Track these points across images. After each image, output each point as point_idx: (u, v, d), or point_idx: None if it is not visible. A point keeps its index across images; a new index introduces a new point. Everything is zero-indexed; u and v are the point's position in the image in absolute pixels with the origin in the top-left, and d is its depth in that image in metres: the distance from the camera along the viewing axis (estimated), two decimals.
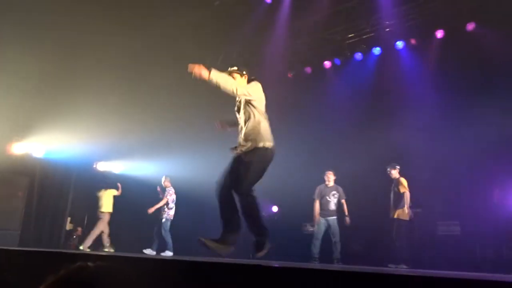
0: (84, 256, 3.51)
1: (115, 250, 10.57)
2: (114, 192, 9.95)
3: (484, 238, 7.03)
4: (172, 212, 9.22)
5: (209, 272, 2.26)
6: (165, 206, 9.20)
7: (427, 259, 7.22)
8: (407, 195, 7.22)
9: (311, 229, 9.33)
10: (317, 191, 8.10)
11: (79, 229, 11.43)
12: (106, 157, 11.53)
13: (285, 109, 9.29)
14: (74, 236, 11.30)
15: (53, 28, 8.27)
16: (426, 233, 7.86)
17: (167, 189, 9.38)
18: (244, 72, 4.18)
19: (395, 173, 7.52)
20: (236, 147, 3.97)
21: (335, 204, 7.98)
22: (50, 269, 1.26)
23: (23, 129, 9.86)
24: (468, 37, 7.80)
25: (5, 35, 7.81)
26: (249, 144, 3.83)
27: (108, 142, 9.94)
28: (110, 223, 9.81)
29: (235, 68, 4.19)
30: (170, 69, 9.62)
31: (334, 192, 8.03)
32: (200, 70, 3.70)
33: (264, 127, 3.92)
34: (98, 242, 10.18)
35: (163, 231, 9.08)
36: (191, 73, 3.72)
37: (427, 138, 7.96)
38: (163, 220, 9.14)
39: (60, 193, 10.72)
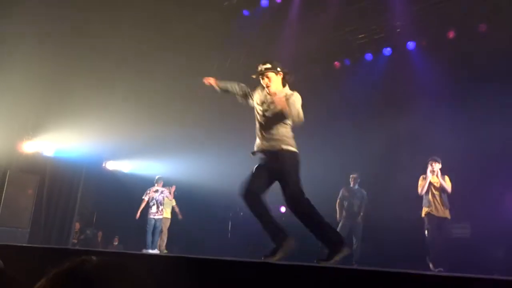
0: (92, 254, 3.52)
1: (125, 249, 10.62)
2: (173, 202, 10.01)
3: (495, 240, 6.94)
4: (151, 210, 9.27)
5: (216, 269, 2.26)
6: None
7: (437, 261, 7.13)
8: None
9: None
10: (341, 192, 8.09)
11: (77, 224, 11.48)
12: (115, 156, 11.59)
13: None
14: (76, 231, 11.35)
15: (63, 28, 8.33)
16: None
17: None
18: (279, 69, 3.63)
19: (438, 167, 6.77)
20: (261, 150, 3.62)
21: (359, 207, 7.92)
22: (58, 266, 1.26)
23: (34, 128, 9.95)
24: (480, 38, 7.71)
25: (16, 34, 7.89)
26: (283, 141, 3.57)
27: (117, 141, 10.00)
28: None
29: (269, 65, 3.61)
30: (181, 68, 9.66)
31: (358, 194, 7.98)
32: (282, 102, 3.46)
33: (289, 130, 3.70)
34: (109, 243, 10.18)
35: None
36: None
37: (438, 139, 7.88)
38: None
39: (70, 191, 10.79)
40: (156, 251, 8.96)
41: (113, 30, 8.29)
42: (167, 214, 9.75)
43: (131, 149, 10.81)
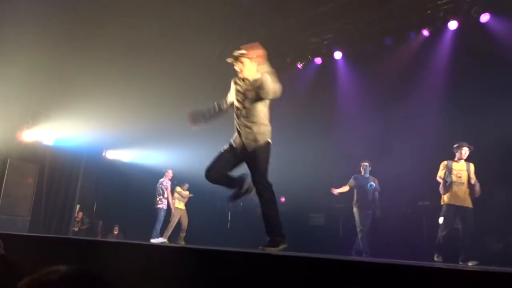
0: (91, 243, 3.53)
1: (125, 238, 10.68)
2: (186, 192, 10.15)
3: (492, 232, 6.96)
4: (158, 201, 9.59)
5: (215, 259, 2.26)
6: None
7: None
8: None
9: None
10: (351, 179, 7.85)
11: (80, 213, 11.55)
12: (115, 145, 11.60)
13: (294, 100, 9.24)
14: (77, 220, 11.42)
15: (63, 19, 8.29)
16: (434, 226, 7.81)
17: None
18: (253, 56, 3.76)
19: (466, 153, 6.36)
20: (239, 138, 3.75)
21: (372, 196, 7.73)
22: (58, 255, 1.27)
23: (33, 117, 9.94)
24: (482, 29, 7.67)
25: (17, 23, 7.84)
26: (260, 137, 3.67)
27: (117, 130, 10.00)
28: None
29: (244, 51, 3.78)
30: (181, 57, 9.63)
31: (371, 183, 7.75)
32: None
33: (267, 123, 3.78)
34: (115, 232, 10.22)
35: None
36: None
37: (437, 131, 7.88)
38: None
39: (69, 180, 10.82)
40: (156, 240, 9.05)
41: (114, 19, 8.24)
42: (178, 204, 9.92)
43: (131, 138, 10.82)
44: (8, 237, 3.67)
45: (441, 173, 6.44)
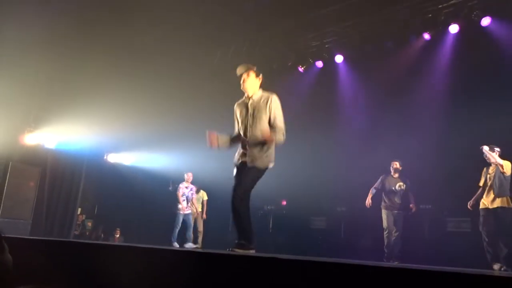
0: (92, 246, 3.54)
1: (126, 242, 10.67)
2: (204, 195, 10.18)
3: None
4: (179, 206, 9.49)
5: (216, 263, 2.27)
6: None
7: (437, 256, 7.14)
8: None
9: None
10: (379, 180, 7.58)
11: (81, 217, 11.57)
12: (117, 148, 11.62)
13: (295, 104, 9.24)
14: (78, 224, 11.44)
15: (66, 23, 8.32)
16: (436, 229, 7.80)
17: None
18: (261, 75, 4.24)
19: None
20: (243, 153, 4.04)
21: (401, 197, 7.41)
22: (59, 258, 1.27)
23: (35, 120, 9.97)
24: (483, 32, 7.67)
25: (19, 26, 7.87)
26: (256, 160, 3.92)
27: (119, 134, 10.02)
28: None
29: (254, 68, 4.24)
30: (183, 61, 9.65)
31: (400, 183, 7.46)
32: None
33: (273, 147, 4.01)
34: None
35: None
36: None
37: (439, 134, 7.87)
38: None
39: (71, 183, 10.84)
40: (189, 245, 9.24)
41: (116, 23, 8.27)
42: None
43: (133, 141, 10.84)
44: (9, 240, 3.67)
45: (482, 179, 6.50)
